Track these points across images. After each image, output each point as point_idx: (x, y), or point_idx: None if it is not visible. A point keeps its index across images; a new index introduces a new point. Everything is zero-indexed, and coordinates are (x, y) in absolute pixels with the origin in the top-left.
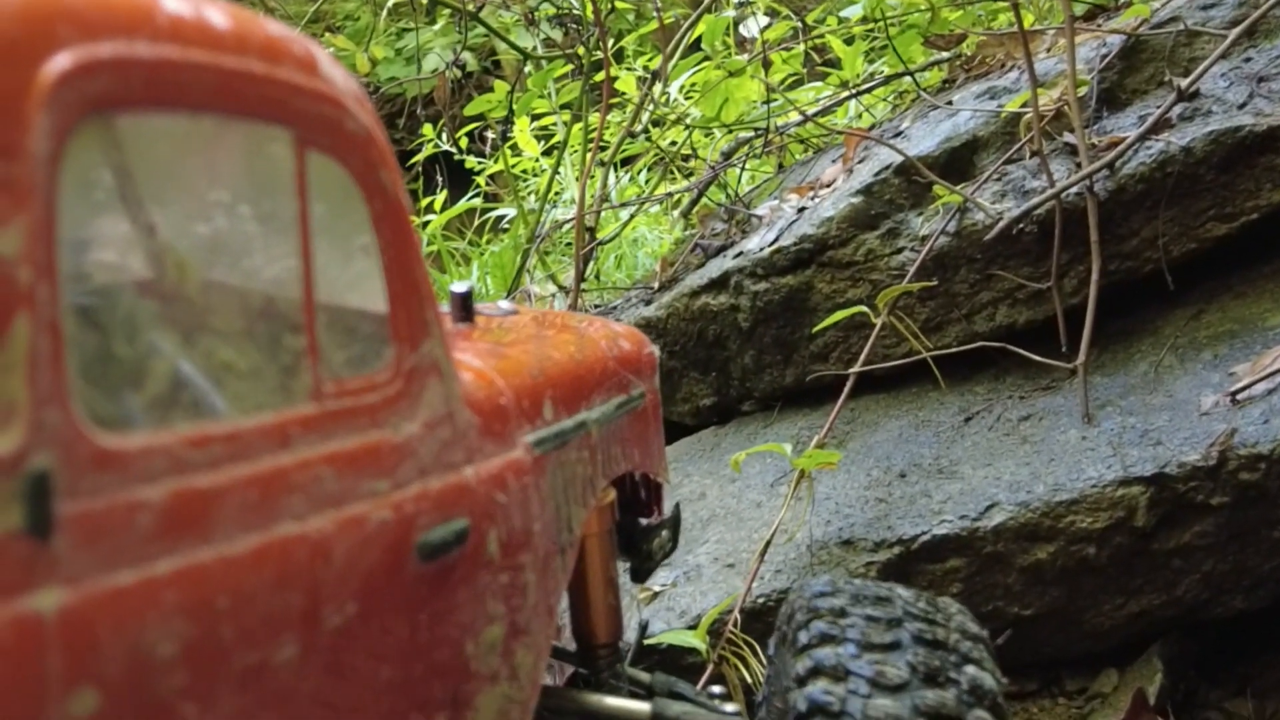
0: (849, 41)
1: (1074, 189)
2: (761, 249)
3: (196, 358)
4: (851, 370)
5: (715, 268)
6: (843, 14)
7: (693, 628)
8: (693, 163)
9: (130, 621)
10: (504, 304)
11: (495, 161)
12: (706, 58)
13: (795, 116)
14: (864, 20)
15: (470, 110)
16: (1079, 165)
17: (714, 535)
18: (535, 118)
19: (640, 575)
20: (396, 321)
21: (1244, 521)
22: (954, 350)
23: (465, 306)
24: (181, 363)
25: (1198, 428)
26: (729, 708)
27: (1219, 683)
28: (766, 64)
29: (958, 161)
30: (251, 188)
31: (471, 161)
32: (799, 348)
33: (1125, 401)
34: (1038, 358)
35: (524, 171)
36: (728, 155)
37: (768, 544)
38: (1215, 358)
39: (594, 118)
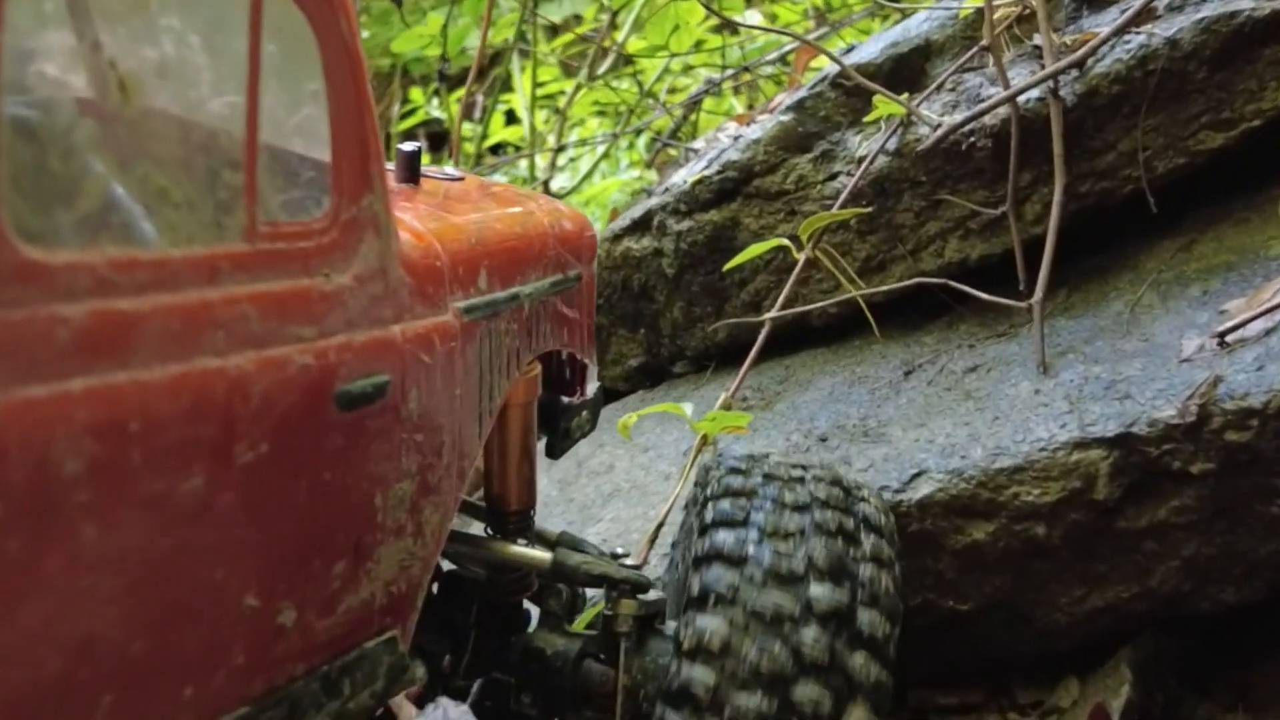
0: None
1: (1034, 93)
2: (685, 181)
3: (131, 182)
4: (765, 316)
5: (639, 208)
6: None
7: None
8: (646, 105)
9: (38, 434)
10: (451, 169)
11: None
12: None
13: (765, 52)
14: None
15: (400, 46)
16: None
17: (611, 513)
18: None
19: (556, 451)
20: (339, 172)
21: (1233, 493)
22: (885, 290)
23: (411, 167)
24: (115, 185)
25: (1176, 377)
26: (629, 561)
27: (1207, 693)
28: None
29: (906, 70)
30: (204, 19)
31: (467, 130)
32: (730, 297)
33: (1090, 348)
34: (983, 295)
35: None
36: (695, 101)
37: (659, 527)
38: (1205, 294)
39: (546, 69)
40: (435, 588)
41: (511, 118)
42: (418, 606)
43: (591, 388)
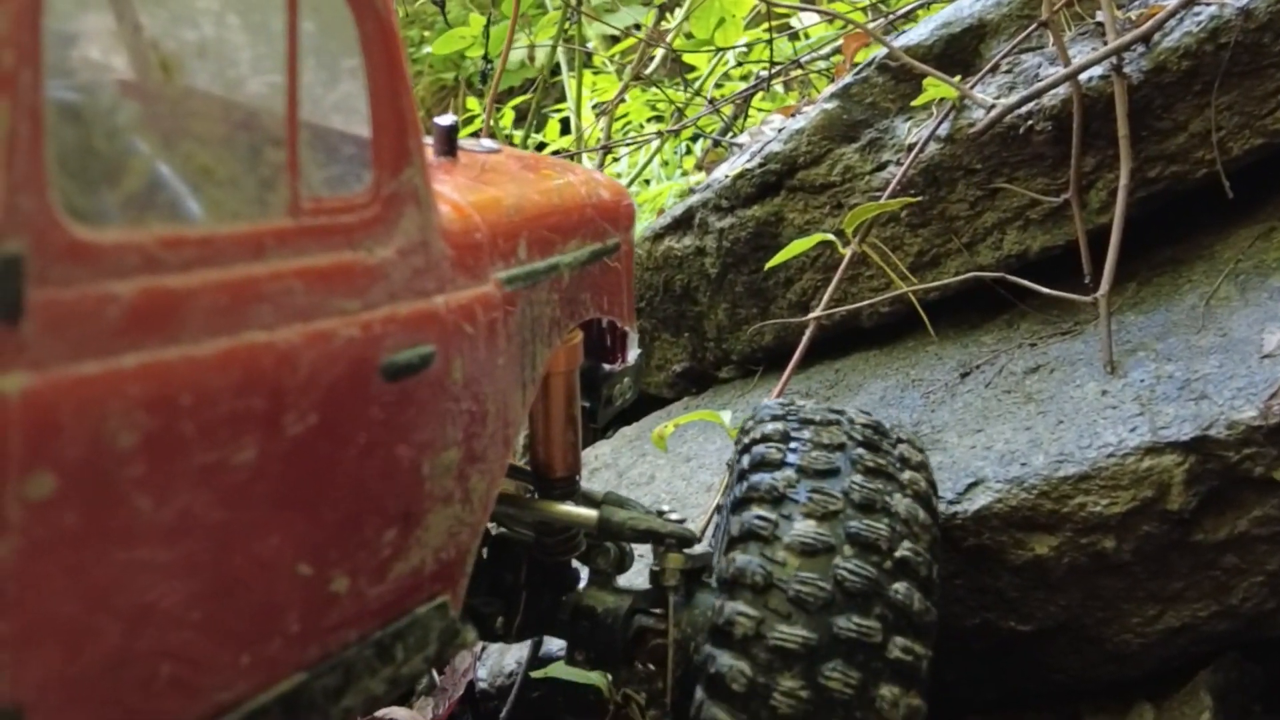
0: None
1: (1097, 71)
2: (726, 176)
3: (175, 161)
4: (812, 316)
5: (679, 206)
6: None
7: None
8: (696, 102)
9: (93, 410)
10: (488, 142)
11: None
12: None
13: (817, 47)
14: None
15: (440, 49)
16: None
17: None
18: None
19: (599, 418)
20: (379, 147)
21: None
22: (939, 286)
23: (449, 140)
24: (160, 164)
25: (1256, 375)
26: (674, 516)
27: None
28: None
29: (959, 51)
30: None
31: (517, 136)
32: (776, 297)
33: (1163, 344)
34: (1045, 290)
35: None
36: (748, 98)
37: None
38: None
39: (596, 58)
40: (485, 551)
41: (567, 127)
42: (467, 572)
43: (633, 354)
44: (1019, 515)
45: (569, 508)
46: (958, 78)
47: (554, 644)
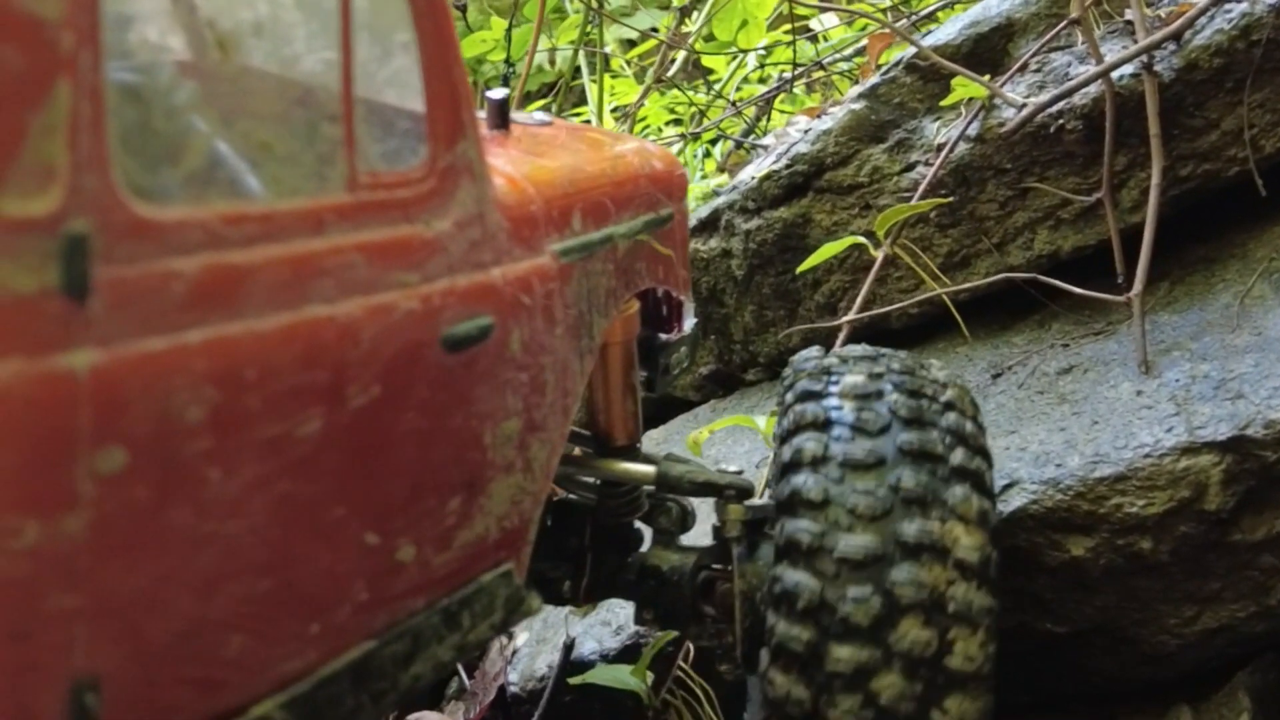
0: None
1: (1128, 69)
2: (753, 177)
3: (234, 138)
4: (842, 320)
5: (705, 208)
6: None
7: (632, 661)
8: (718, 107)
9: (160, 385)
10: (539, 114)
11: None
12: None
13: (840, 49)
14: None
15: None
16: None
17: None
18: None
19: (657, 387)
20: (433, 120)
21: None
22: (970, 287)
23: (501, 113)
24: (219, 141)
25: None
26: (731, 469)
27: None
28: None
29: (987, 50)
30: None
31: None
32: (803, 299)
33: (1198, 344)
34: (1077, 290)
35: None
36: (770, 100)
37: None
38: None
39: (614, 61)
40: (549, 518)
41: None
42: (531, 539)
43: (689, 323)
44: (1055, 517)
45: (628, 464)
46: (986, 77)
47: (587, 646)
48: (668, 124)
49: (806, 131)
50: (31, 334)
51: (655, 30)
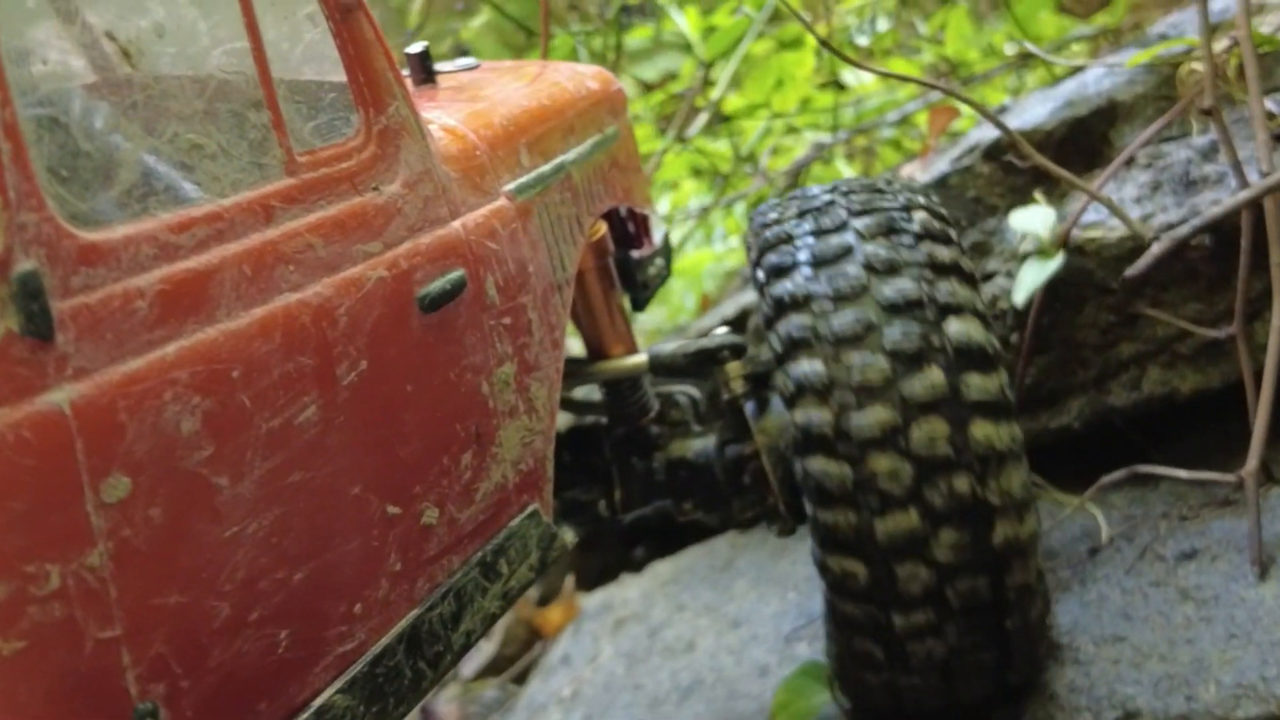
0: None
1: (1254, 176)
2: None
3: (162, 146)
4: None
5: (730, 304)
6: None
7: None
8: (744, 171)
9: (148, 404)
10: (464, 60)
11: None
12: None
13: (883, 112)
14: None
15: None
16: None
17: (688, 714)
18: None
19: (639, 304)
20: (357, 86)
21: None
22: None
23: (425, 67)
24: (149, 153)
25: None
26: (720, 330)
27: None
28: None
29: (1084, 138)
30: None
31: None
32: None
33: None
34: (1180, 472)
35: None
36: (801, 167)
37: None
38: None
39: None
40: (566, 454)
41: None
42: (549, 476)
43: (658, 235)
44: None
45: (619, 359)
46: (1088, 177)
47: None
48: (688, 177)
49: None
50: (7, 382)
51: (675, 76)
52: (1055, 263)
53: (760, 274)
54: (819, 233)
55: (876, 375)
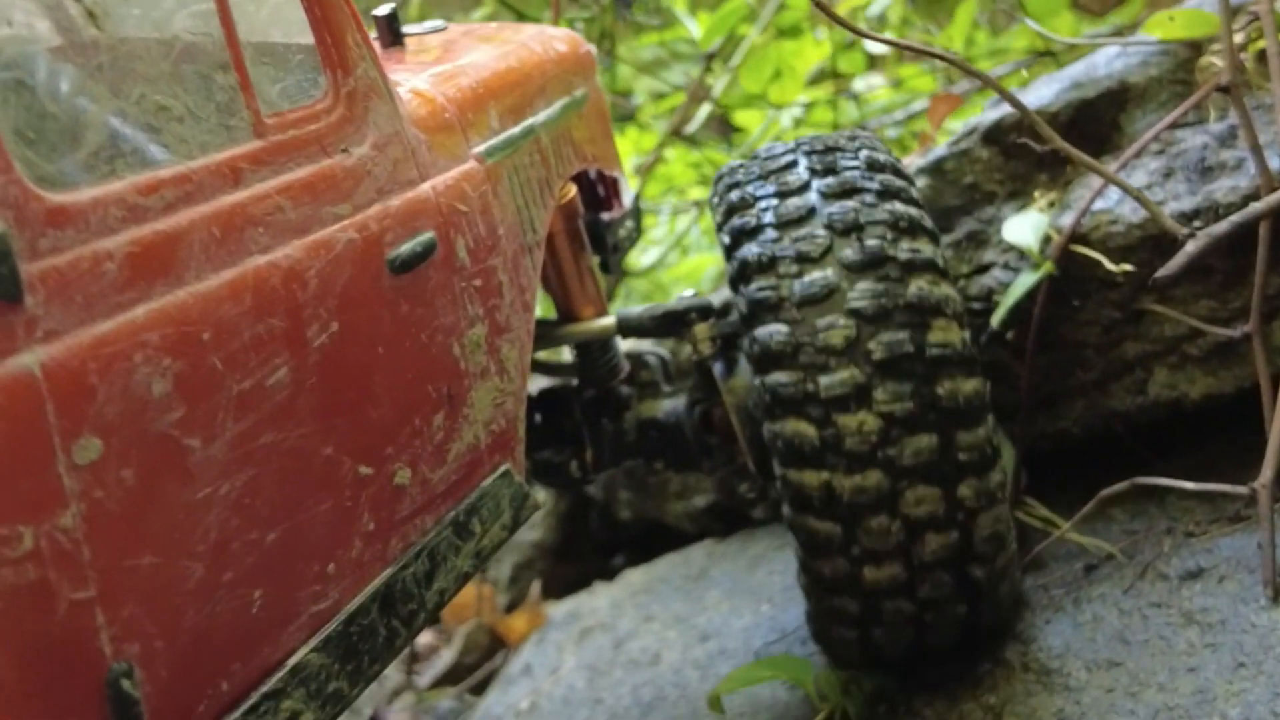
0: None
1: (1276, 162)
2: None
3: (129, 108)
4: None
5: (717, 296)
6: None
7: None
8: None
9: (118, 366)
10: (432, 22)
11: None
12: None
13: (890, 111)
14: None
15: None
16: None
17: None
18: None
19: (610, 267)
20: (324, 48)
21: None
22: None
23: (392, 29)
24: (115, 115)
25: None
26: (688, 292)
27: None
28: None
29: (1092, 122)
30: None
31: None
32: None
33: None
34: (1188, 484)
35: None
36: None
37: None
38: None
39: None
40: (538, 416)
41: None
42: (521, 437)
43: (628, 197)
44: None
45: (588, 322)
46: (1105, 161)
47: None
48: (694, 183)
49: None
50: None
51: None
52: (1036, 277)
53: (725, 237)
54: (782, 194)
55: (840, 337)
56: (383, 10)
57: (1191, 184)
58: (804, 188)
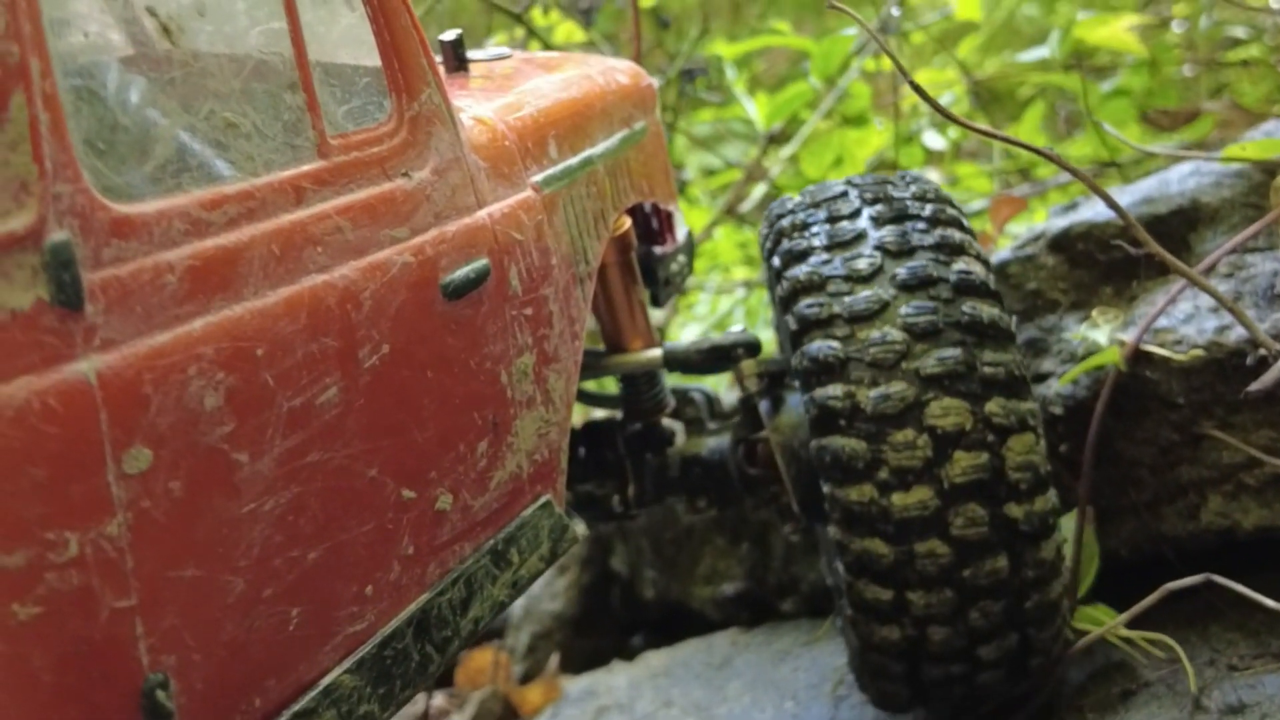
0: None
1: None
2: None
3: (197, 123)
4: None
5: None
6: (1020, 57)
7: None
8: None
9: (173, 378)
10: (496, 49)
11: None
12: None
13: None
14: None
15: None
16: None
17: None
18: None
19: (660, 300)
20: (391, 72)
21: None
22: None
23: (458, 55)
24: (184, 129)
25: None
26: (736, 328)
27: None
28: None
29: (1162, 239)
30: None
31: None
32: None
33: None
34: (1262, 598)
35: None
36: None
37: None
38: None
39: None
40: (581, 449)
41: None
42: (563, 469)
43: (681, 232)
44: None
45: (635, 353)
46: (1169, 285)
47: None
48: (739, 263)
49: None
50: (35, 349)
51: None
52: (1108, 356)
53: (776, 261)
54: (833, 219)
55: (891, 352)
56: (449, 36)
57: (1260, 310)
58: (855, 214)
